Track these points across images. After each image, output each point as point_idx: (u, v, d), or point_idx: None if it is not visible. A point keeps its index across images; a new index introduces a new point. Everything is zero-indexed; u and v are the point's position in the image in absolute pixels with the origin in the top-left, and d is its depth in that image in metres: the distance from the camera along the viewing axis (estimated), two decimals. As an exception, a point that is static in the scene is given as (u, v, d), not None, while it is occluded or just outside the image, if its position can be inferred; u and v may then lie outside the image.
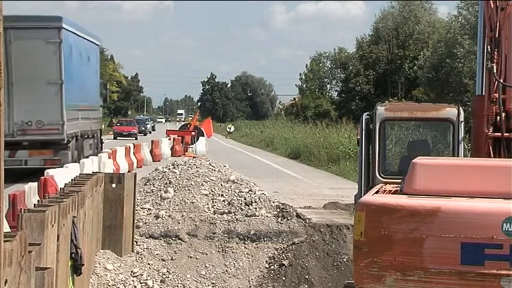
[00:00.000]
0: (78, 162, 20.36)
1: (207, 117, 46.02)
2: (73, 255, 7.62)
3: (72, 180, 10.42)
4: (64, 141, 22.81)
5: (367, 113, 9.14)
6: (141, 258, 12.25)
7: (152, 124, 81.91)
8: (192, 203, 13.49)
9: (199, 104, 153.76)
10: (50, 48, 21.99)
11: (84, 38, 26.37)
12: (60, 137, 22.59)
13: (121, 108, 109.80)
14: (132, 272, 11.65)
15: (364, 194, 7.47)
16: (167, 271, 12.21)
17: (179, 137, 38.40)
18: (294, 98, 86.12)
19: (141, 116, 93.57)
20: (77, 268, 7.81)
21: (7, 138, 20.09)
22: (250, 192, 13.79)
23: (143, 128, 69.86)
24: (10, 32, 20.96)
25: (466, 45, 43.55)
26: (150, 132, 72.85)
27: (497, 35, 8.25)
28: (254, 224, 13.04)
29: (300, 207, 15.40)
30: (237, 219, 13.12)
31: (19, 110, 21.94)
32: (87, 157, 23.29)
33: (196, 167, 14.48)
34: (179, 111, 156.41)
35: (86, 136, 26.50)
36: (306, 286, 12.20)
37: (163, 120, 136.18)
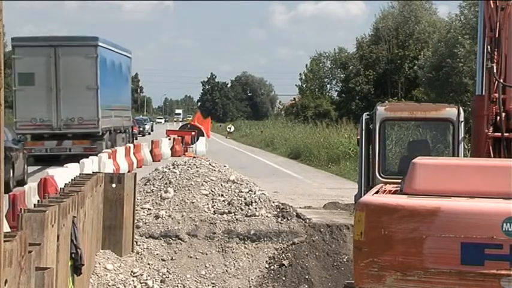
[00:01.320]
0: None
1: (207, 117, 46.04)
2: (73, 255, 7.62)
3: (72, 180, 10.43)
4: (99, 133, 29.00)
5: (367, 113, 9.14)
6: (141, 258, 12.25)
7: (151, 124, 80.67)
8: (192, 203, 13.49)
9: (199, 104, 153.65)
10: (88, 61, 28.23)
11: (117, 52, 32.71)
12: (96, 130, 28.75)
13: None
14: (132, 272, 11.65)
15: (364, 194, 7.47)
16: (167, 271, 12.21)
17: (179, 137, 38.41)
18: (294, 98, 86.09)
19: (140, 116, 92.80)
20: (77, 268, 7.81)
21: (55, 131, 28.06)
22: (250, 192, 13.79)
23: (141, 129, 68.62)
24: (59, 49, 27.92)
25: (466, 45, 43.54)
26: (149, 133, 71.17)
27: (497, 35, 8.24)
28: (254, 224, 13.04)
29: (300, 207, 15.40)
30: (237, 219, 13.12)
31: (65, 109, 28.16)
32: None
33: (196, 167, 14.48)
34: (177, 111, 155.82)
35: (118, 131, 33.02)
36: (306, 286, 12.20)
37: (162, 120, 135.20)
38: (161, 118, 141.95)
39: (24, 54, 28.28)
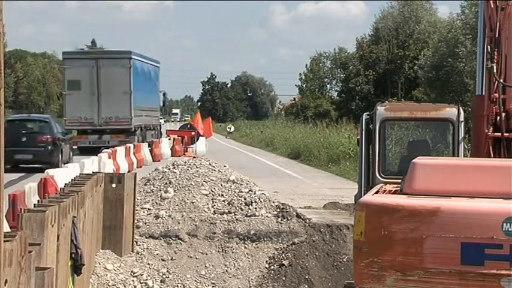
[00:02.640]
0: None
1: (207, 118, 46.08)
2: (73, 255, 7.62)
3: (72, 180, 10.42)
4: (132, 129, 35.12)
5: (367, 113, 9.14)
6: (141, 258, 12.25)
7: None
8: (192, 203, 13.49)
9: (199, 104, 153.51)
10: (123, 71, 34.63)
11: (146, 62, 38.95)
12: (129, 127, 34.90)
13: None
14: (132, 272, 11.65)
15: (364, 194, 7.47)
16: (167, 271, 12.21)
17: (179, 137, 38.42)
18: (294, 98, 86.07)
19: None
20: (77, 268, 7.81)
21: (97, 127, 34.43)
22: (250, 192, 13.79)
23: None
24: (100, 61, 34.65)
25: (468, 44, 43.54)
26: None
27: (497, 35, 8.24)
28: (254, 224, 13.04)
29: (300, 207, 15.40)
30: (237, 219, 13.12)
31: (104, 109, 34.41)
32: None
33: (196, 167, 14.48)
34: (174, 111, 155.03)
35: (148, 128, 38.93)
36: (306, 286, 12.20)
37: (162, 120, 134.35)
38: (161, 118, 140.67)
39: (72, 65, 34.96)
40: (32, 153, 26.31)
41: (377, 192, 6.77)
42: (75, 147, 30.77)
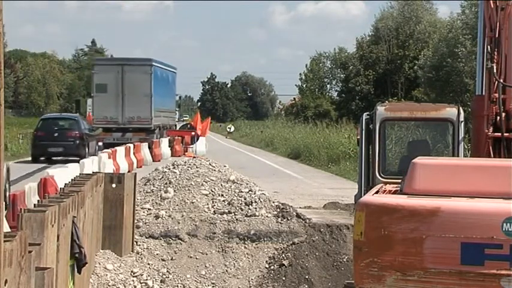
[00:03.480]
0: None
1: (207, 118, 46.18)
2: (77, 255, 7.62)
3: (72, 180, 10.42)
4: (152, 128, 38.61)
5: (367, 113, 9.13)
6: (141, 258, 12.25)
7: None
8: (192, 203, 13.49)
9: (199, 104, 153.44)
10: (145, 76, 38.40)
11: (165, 69, 43.03)
12: (149, 126, 38.33)
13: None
14: (132, 272, 11.65)
15: (364, 194, 7.46)
16: (167, 271, 12.21)
17: (179, 137, 38.43)
18: (294, 98, 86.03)
19: None
20: (79, 267, 7.81)
21: (121, 126, 38.04)
22: (250, 192, 13.78)
23: None
24: (124, 67, 38.45)
25: (468, 44, 43.53)
26: None
27: (497, 35, 8.24)
28: (254, 224, 13.04)
29: (300, 207, 15.40)
30: (237, 219, 13.12)
31: (128, 110, 37.98)
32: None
33: (196, 167, 14.48)
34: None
35: (165, 127, 42.45)
36: (306, 286, 12.20)
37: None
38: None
39: (100, 71, 39.08)
40: (62, 147, 30.95)
41: (377, 192, 6.77)
42: (100, 143, 34.98)
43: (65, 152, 30.61)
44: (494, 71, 8.16)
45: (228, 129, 74.83)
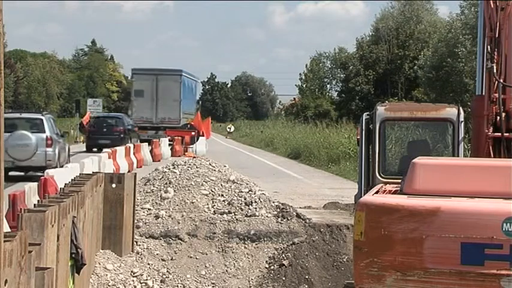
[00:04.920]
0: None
1: (207, 118, 46.23)
2: (73, 255, 7.62)
3: (72, 180, 10.42)
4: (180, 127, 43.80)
5: (367, 113, 9.14)
6: (141, 258, 12.25)
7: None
8: (192, 203, 13.49)
9: (199, 103, 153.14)
10: (176, 84, 46.03)
11: (190, 78, 51.07)
12: (178, 125, 43.87)
13: (121, 108, 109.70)
14: (132, 272, 11.65)
15: (364, 194, 7.46)
16: (167, 271, 12.21)
17: (179, 137, 38.43)
18: (294, 98, 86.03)
19: None
20: (78, 268, 7.81)
21: (154, 125, 45.23)
22: (250, 192, 13.78)
23: None
24: (158, 76, 46.01)
25: (467, 44, 43.52)
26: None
27: (497, 35, 8.24)
28: (254, 224, 13.04)
29: (300, 207, 15.40)
30: (237, 219, 13.12)
31: (160, 112, 45.33)
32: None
33: (196, 167, 14.48)
34: None
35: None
36: (306, 286, 12.20)
37: None
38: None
39: (138, 79, 46.95)
40: (109, 139, 37.55)
41: (377, 192, 6.77)
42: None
43: (111, 144, 34.37)
44: (494, 71, 8.16)
45: (228, 129, 74.85)
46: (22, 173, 23.59)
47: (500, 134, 8.16)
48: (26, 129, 24.53)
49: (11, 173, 22.63)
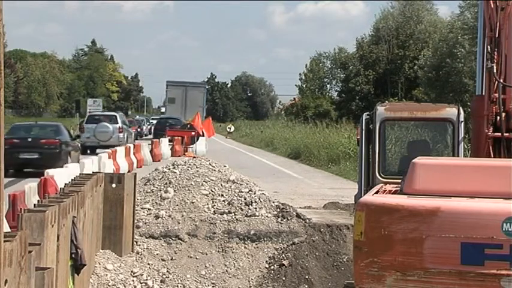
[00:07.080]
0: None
1: (207, 118, 46.23)
2: (73, 255, 7.62)
3: (72, 180, 10.42)
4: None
5: (367, 113, 9.13)
6: (141, 258, 12.25)
7: (149, 126, 74.90)
8: (192, 203, 13.49)
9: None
10: (201, 94, 59.43)
11: (207, 88, 63.80)
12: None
13: (121, 108, 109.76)
14: (132, 272, 11.65)
15: (364, 194, 7.46)
16: (167, 271, 12.21)
17: (179, 137, 38.43)
18: (294, 98, 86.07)
19: (137, 116, 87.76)
20: (77, 268, 7.81)
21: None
22: (250, 192, 13.78)
23: (139, 130, 64.86)
24: (187, 88, 59.24)
25: (466, 45, 43.54)
26: (146, 135, 67.15)
27: (497, 35, 8.24)
28: (254, 224, 13.04)
29: (300, 207, 15.40)
30: (237, 219, 13.12)
31: (187, 116, 52.36)
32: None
33: (196, 167, 14.48)
34: (162, 110, 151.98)
35: None
36: (306, 286, 12.20)
37: None
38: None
39: (171, 89, 59.52)
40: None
41: (377, 192, 6.77)
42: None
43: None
44: (494, 71, 8.16)
45: (228, 129, 74.84)
46: (104, 150, 29.51)
47: (500, 134, 8.16)
48: (106, 121, 40.07)
49: (97, 150, 32.57)
